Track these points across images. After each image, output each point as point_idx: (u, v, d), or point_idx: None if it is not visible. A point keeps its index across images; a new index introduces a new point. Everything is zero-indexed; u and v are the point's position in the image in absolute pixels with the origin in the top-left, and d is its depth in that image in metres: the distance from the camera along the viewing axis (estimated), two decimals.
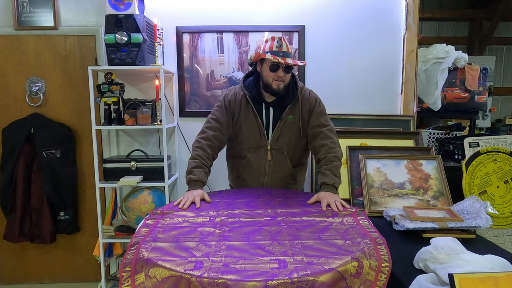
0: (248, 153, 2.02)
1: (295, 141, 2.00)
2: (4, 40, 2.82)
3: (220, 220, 1.47)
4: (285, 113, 1.96)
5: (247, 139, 2.01)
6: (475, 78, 3.02)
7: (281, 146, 1.98)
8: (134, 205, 2.52)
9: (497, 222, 2.10)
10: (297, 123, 1.98)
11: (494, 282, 0.99)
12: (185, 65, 2.82)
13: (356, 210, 1.59)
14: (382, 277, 1.14)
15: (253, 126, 1.99)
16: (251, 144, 2.01)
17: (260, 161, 2.00)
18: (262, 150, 1.99)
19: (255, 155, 2.01)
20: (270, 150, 1.98)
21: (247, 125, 2.00)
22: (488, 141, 2.32)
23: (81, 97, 2.87)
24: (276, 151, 1.98)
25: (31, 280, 3.07)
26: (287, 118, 1.97)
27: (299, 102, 1.98)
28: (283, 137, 1.98)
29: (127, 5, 2.37)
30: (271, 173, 2.01)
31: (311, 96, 2.02)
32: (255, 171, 2.02)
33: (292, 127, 1.98)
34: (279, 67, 1.87)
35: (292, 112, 1.98)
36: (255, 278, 1.04)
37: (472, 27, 6.11)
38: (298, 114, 1.98)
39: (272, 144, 1.98)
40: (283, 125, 1.97)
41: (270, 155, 1.98)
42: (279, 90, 1.91)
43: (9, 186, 2.79)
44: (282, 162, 2.00)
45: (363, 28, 2.78)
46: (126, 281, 1.14)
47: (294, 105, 1.97)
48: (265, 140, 1.99)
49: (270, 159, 1.98)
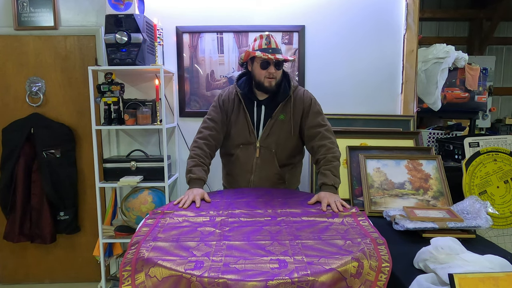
0: (237, 150, 2.03)
1: (284, 140, 1.99)
2: (4, 40, 2.82)
3: (220, 220, 1.47)
4: (276, 112, 1.97)
5: (236, 135, 2.02)
6: (475, 78, 3.02)
7: (269, 144, 1.98)
8: (134, 205, 2.52)
9: (497, 222, 2.10)
10: (288, 122, 1.97)
11: (494, 282, 0.99)
12: (185, 65, 2.82)
13: (356, 210, 1.59)
14: (382, 277, 1.14)
15: (243, 123, 2.00)
16: (240, 140, 2.02)
17: (248, 158, 2.01)
18: (251, 147, 2.00)
19: (244, 152, 2.02)
20: (258, 148, 1.98)
21: (238, 122, 2.02)
22: (488, 141, 2.32)
23: (81, 97, 2.87)
24: (265, 148, 1.98)
25: (31, 280, 3.07)
26: (278, 116, 1.97)
27: (291, 101, 1.97)
28: (272, 135, 1.98)
29: (127, 5, 2.37)
30: (257, 170, 2.00)
31: (305, 96, 2.01)
32: (243, 167, 2.03)
33: (282, 125, 1.98)
34: (270, 63, 1.87)
35: (283, 111, 1.98)
36: (255, 278, 1.04)
37: (472, 27, 6.11)
38: (290, 113, 1.97)
39: (261, 141, 1.98)
40: (273, 123, 1.97)
41: (258, 152, 1.98)
42: (271, 87, 1.92)
43: (9, 186, 2.80)
44: (269, 160, 1.99)
45: (363, 28, 2.79)
46: (126, 280, 1.14)
47: (286, 104, 1.98)
48: (254, 138, 1.99)
49: (258, 156, 1.99)
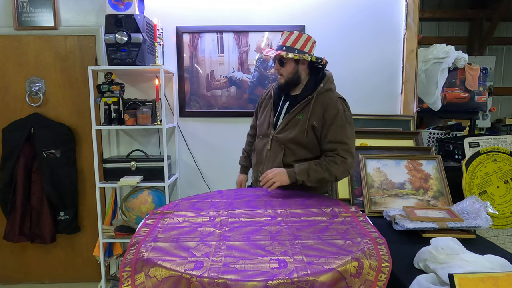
0: (258, 140, 2.10)
1: (296, 139, 1.93)
2: (4, 40, 2.82)
3: (220, 220, 1.47)
4: (294, 110, 1.93)
5: (260, 126, 2.08)
6: (475, 78, 3.02)
7: (281, 139, 1.95)
8: (134, 205, 2.52)
9: (497, 222, 2.09)
10: (304, 123, 1.90)
11: (494, 282, 0.99)
12: (185, 65, 2.82)
13: (356, 210, 1.58)
14: (382, 277, 1.14)
15: (267, 115, 2.04)
16: (261, 131, 2.06)
17: (262, 149, 2.04)
18: (267, 139, 2.01)
19: (260, 142, 2.06)
20: (271, 140, 1.98)
21: (263, 114, 2.07)
22: (488, 141, 2.31)
23: (81, 97, 2.87)
24: (276, 142, 1.97)
25: (31, 280, 3.07)
26: (295, 115, 1.93)
27: (312, 103, 1.89)
28: (285, 131, 1.95)
29: (127, 5, 2.37)
30: (267, 162, 2.00)
31: (332, 103, 1.87)
32: (257, 157, 2.07)
33: (297, 125, 1.92)
34: (276, 60, 1.89)
35: (303, 111, 1.92)
36: (255, 278, 1.04)
37: (472, 27, 6.11)
38: (307, 115, 1.89)
39: (275, 135, 1.97)
40: (289, 120, 1.94)
41: (270, 144, 1.99)
42: (280, 83, 1.93)
43: (9, 186, 2.80)
44: (277, 154, 1.97)
45: (363, 28, 2.79)
46: (126, 281, 1.14)
47: (307, 104, 1.91)
48: (272, 130, 1.99)
49: (270, 148, 1.99)
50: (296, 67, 1.89)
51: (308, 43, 1.88)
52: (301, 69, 1.90)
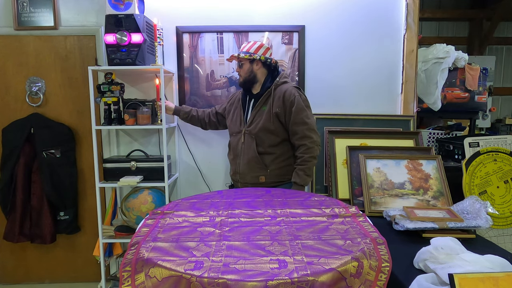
0: (231, 137, 2.42)
1: (264, 127, 2.24)
2: (4, 40, 2.82)
3: (220, 220, 1.47)
4: (258, 103, 2.29)
5: (233, 125, 2.39)
6: (475, 78, 3.02)
7: (251, 130, 2.27)
8: (134, 205, 2.52)
9: (497, 222, 2.10)
10: (268, 112, 2.24)
11: (494, 282, 0.99)
12: (185, 65, 2.82)
13: (356, 210, 1.58)
14: (382, 277, 1.14)
15: (238, 114, 2.37)
16: (234, 130, 2.38)
17: (237, 144, 2.33)
18: (240, 134, 2.32)
19: (234, 139, 2.37)
20: (243, 134, 2.29)
21: (234, 114, 2.40)
22: (488, 141, 2.32)
23: (81, 97, 2.87)
24: (247, 134, 2.28)
25: (31, 280, 3.07)
26: (260, 107, 2.28)
27: (272, 94, 2.25)
28: (254, 123, 2.27)
29: (127, 5, 2.37)
30: (242, 154, 2.30)
31: (288, 91, 2.23)
32: (233, 152, 2.37)
33: (262, 115, 2.25)
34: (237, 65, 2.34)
35: (265, 103, 2.27)
36: (255, 278, 1.04)
37: (472, 27, 6.12)
38: (270, 105, 2.24)
39: (246, 128, 2.29)
40: (256, 113, 2.28)
41: (243, 137, 2.29)
42: (239, 82, 2.34)
43: (9, 186, 2.80)
44: (250, 145, 2.27)
45: (363, 28, 2.79)
46: (126, 281, 1.14)
47: (268, 97, 2.27)
48: (244, 126, 2.32)
49: (243, 141, 2.29)
50: (250, 67, 2.27)
51: (261, 48, 2.28)
52: (255, 69, 2.27)
